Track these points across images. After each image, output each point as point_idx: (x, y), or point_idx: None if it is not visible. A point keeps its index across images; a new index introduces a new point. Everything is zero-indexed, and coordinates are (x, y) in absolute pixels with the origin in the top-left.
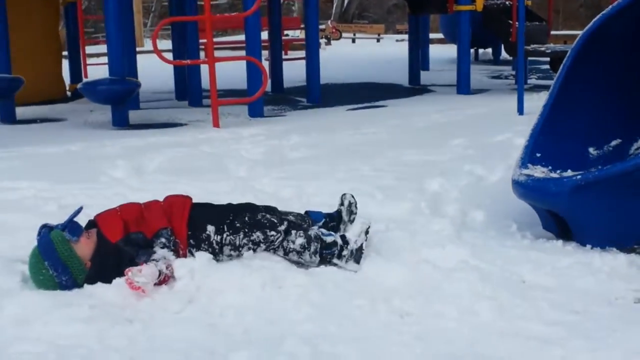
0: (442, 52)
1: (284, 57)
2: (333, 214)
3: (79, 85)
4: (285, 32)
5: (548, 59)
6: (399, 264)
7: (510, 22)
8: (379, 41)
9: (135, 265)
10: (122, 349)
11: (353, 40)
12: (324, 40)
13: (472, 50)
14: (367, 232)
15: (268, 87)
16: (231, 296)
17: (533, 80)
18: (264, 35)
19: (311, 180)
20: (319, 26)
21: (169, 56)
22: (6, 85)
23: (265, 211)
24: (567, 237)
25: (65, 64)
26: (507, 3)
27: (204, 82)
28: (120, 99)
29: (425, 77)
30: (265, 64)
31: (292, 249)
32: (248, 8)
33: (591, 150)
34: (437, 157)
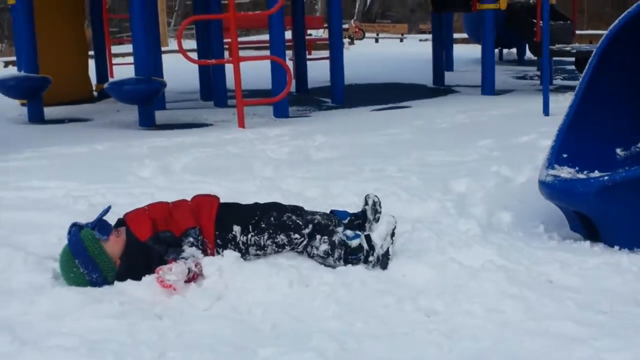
0: (466, 52)
1: (308, 57)
2: (358, 214)
3: (106, 85)
4: (309, 31)
5: (573, 58)
6: (426, 263)
7: (535, 21)
8: (402, 41)
9: (164, 263)
10: (152, 344)
11: (376, 40)
12: (347, 40)
13: (496, 50)
14: (393, 235)
15: (292, 87)
16: (259, 294)
17: (558, 81)
18: (288, 34)
19: (336, 181)
20: (342, 26)
21: (194, 56)
22: (34, 85)
23: (291, 212)
24: (595, 238)
25: (91, 63)
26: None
27: (229, 82)
28: (147, 98)
29: (449, 78)
30: (289, 64)
31: (315, 254)
32: (272, 6)
33: (618, 150)
34: (463, 157)
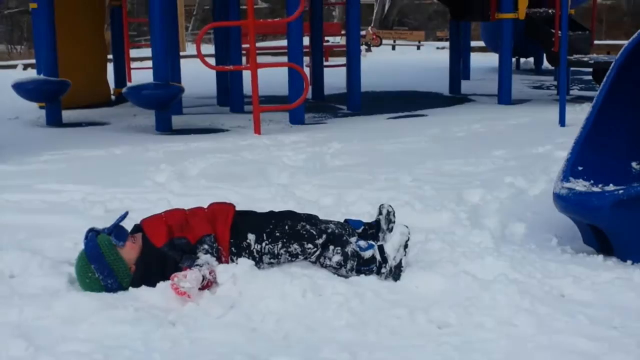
0: (483, 61)
1: (325, 63)
2: (372, 223)
3: (124, 90)
4: (326, 38)
5: (591, 69)
6: (439, 274)
7: (553, 31)
8: (419, 48)
9: (179, 269)
10: (166, 351)
11: (393, 47)
12: (364, 47)
13: (513, 59)
14: (407, 246)
15: (309, 94)
16: (272, 302)
17: (575, 91)
18: (305, 41)
19: (352, 189)
20: (360, 32)
21: (211, 61)
22: (53, 89)
23: (305, 221)
24: (608, 252)
25: (109, 67)
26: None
27: (246, 88)
28: (164, 103)
29: (466, 86)
30: (306, 70)
31: (328, 265)
32: (291, 14)
33: (634, 164)
34: (478, 167)
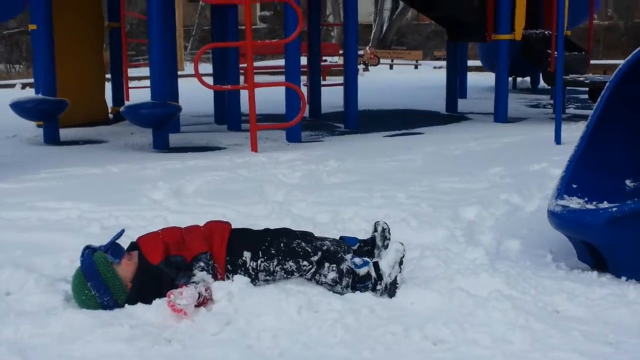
0: (480, 80)
1: (323, 82)
2: (367, 240)
3: (122, 109)
4: (324, 57)
5: (587, 88)
6: (433, 291)
7: (549, 51)
8: (416, 68)
9: (175, 287)
10: None
11: (391, 67)
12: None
13: (510, 79)
14: (402, 263)
15: (306, 112)
16: (268, 319)
17: (571, 110)
18: (303, 60)
19: (347, 206)
20: (357, 52)
21: (209, 80)
22: (51, 108)
23: (301, 238)
24: (602, 268)
25: (107, 86)
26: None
27: (243, 107)
28: (162, 122)
29: (462, 105)
30: (304, 89)
31: (323, 282)
32: (289, 34)
33: (628, 182)
34: (474, 185)
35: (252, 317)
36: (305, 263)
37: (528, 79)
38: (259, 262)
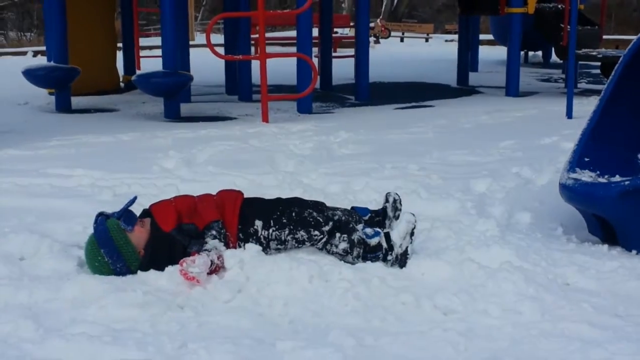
0: (491, 54)
1: (334, 54)
2: (379, 211)
3: (133, 78)
4: (335, 29)
5: (599, 63)
6: (444, 262)
7: (562, 25)
8: (427, 41)
9: (187, 254)
10: (174, 334)
11: (401, 39)
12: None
13: (522, 53)
14: (413, 234)
15: (317, 84)
16: (279, 287)
17: (583, 85)
18: (314, 32)
19: (358, 177)
20: (369, 24)
21: (221, 50)
22: (63, 76)
23: (312, 208)
24: (613, 241)
25: (119, 55)
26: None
27: (254, 77)
28: (173, 91)
29: (473, 79)
30: (315, 61)
31: (334, 252)
32: (301, 5)
33: None
34: (485, 158)
35: (263, 285)
36: (316, 233)
37: (540, 53)
38: (270, 231)
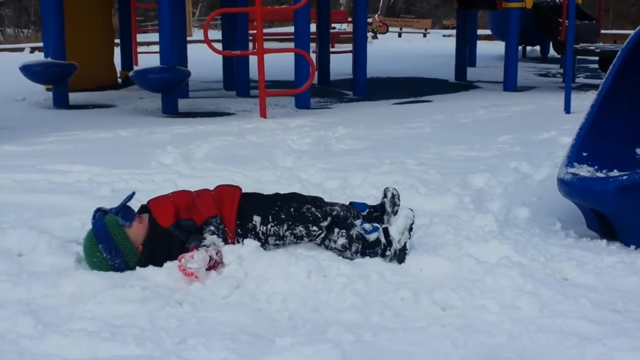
0: (489, 49)
1: (331, 50)
2: (377, 206)
3: (131, 73)
4: (333, 25)
5: (597, 58)
6: (442, 257)
7: (560, 20)
8: (425, 36)
9: (185, 250)
10: (173, 330)
11: (399, 35)
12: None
13: (519, 47)
14: (411, 229)
15: (315, 79)
16: (277, 283)
17: (581, 79)
18: (312, 27)
19: (356, 172)
20: (367, 20)
21: (218, 46)
22: (60, 72)
23: (311, 203)
24: (611, 236)
25: (116, 51)
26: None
27: (252, 73)
28: (171, 87)
29: (471, 74)
30: (313, 56)
31: (333, 247)
32: (298, 0)
33: (638, 151)
34: (483, 153)
35: (262, 281)
36: (314, 228)
37: (538, 47)
38: (268, 226)
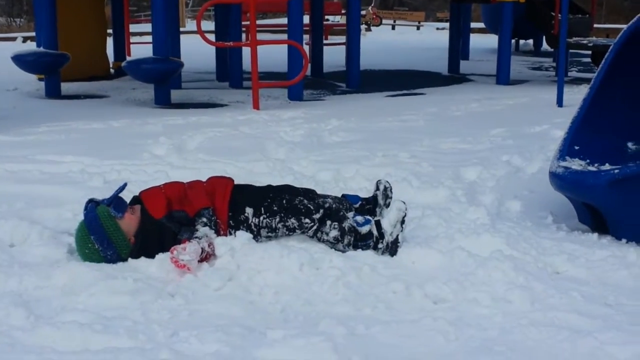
0: (482, 42)
1: (325, 42)
2: (369, 199)
3: (124, 64)
4: (326, 17)
5: (589, 51)
6: (435, 250)
7: (553, 14)
8: (419, 29)
9: (177, 241)
10: (165, 322)
11: (393, 27)
12: (364, 27)
13: (512, 41)
14: (403, 222)
15: (308, 71)
16: (270, 275)
17: (573, 73)
18: (305, 19)
19: (349, 164)
20: (360, 12)
21: (211, 37)
22: (52, 61)
23: (303, 195)
24: (603, 230)
25: (109, 41)
26: None
27: (245, 64)
28: (164, 78)
29: (464, 67)
30: (306, 48)
31: (325, 240)
32: None
33: (630, 145)
34: (475, 145)
35: (254, 274)
36: (307, 220)
37: (531, 41)
38: (261, 218)
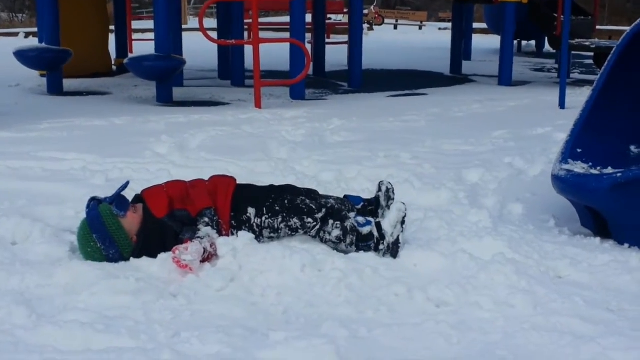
0: (485, 43)
1: (327, 41)
2: (371, 200)
3: (126, 61)
4: (329, 15)
5: (592, 53)
6: (437, 253)
7: (556, 15)
8: (421, 29)
9: (179, 241)
10: (167, 323)
11: (395, 27)
12: (366, 26)
13: (515, 42)
14: (404, 222)
15: (310, 70)
16: (272, 276)
17: (576, 75)
18: (308, 18)
19: (351, 165)
20: (363, 11)
21: (213, 35)
22: (55, 57)
23: (305, 195)
24: (605, 234)
25: (111, 38)
26: None
27: (247, 63)
28: (166, 75)
29: (467, 67)
30: (308, 47)
31: (327, 240)
32: None
33: (632, 148)
34: (477, 147)
35: (256, 274)
36: (309, 220)
37: (533, 42)
38: (263, 218)
